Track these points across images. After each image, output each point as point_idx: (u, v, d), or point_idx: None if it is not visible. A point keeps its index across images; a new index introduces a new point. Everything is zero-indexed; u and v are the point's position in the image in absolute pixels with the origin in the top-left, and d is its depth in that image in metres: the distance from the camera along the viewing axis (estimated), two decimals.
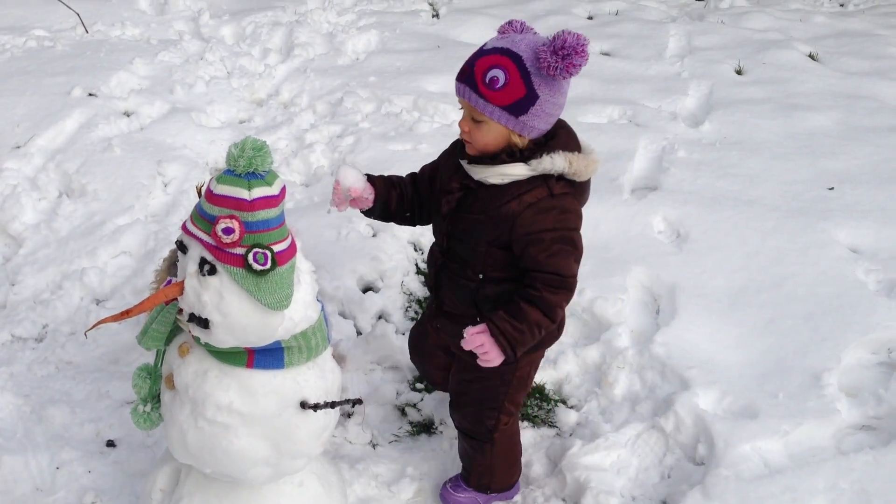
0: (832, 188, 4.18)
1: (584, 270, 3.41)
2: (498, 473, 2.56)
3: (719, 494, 2.49)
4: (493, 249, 2.14)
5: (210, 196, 1.89)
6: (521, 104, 1.99)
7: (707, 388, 2.89)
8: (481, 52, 2.05)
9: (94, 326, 2.06)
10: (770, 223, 3.81)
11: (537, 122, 2.03)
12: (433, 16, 7.17)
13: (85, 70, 5.09)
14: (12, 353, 3.15)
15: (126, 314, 1.98)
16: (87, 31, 5.92)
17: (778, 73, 5.89)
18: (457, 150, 2.23)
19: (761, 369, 3.01)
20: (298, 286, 2.01)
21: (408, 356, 2.85)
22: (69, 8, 6.06)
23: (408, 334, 2.84)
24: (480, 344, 2.10)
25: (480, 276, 2.20)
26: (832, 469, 2.59)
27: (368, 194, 2.31)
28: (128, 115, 4.74)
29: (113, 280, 3.51)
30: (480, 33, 6.43)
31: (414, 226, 2.48)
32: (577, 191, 2.14)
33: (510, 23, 2.14)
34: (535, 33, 2.12)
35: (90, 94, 4.81)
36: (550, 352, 3.21)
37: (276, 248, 1.91)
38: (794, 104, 5.27)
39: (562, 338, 3.25)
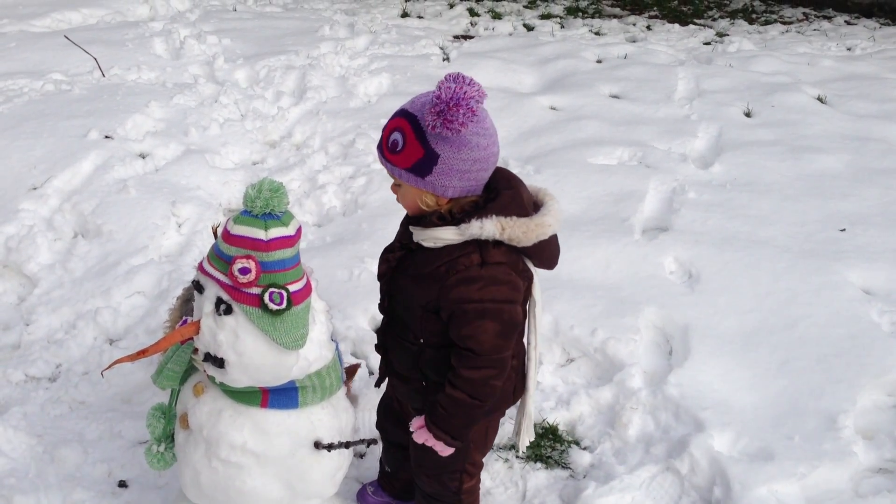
0: (843, 229, 4.19)
1: (596, 311, 3.46)
2: None
3: None
4: (429, 314, 2.04)
5: (227, 236, 1.91)
6: (421, 165, 1.91)
7: (722, 429, 2.86)
8: (391, 117, 2.00)
9: (110, 366, 2.07)
10: (782, 264, 3.81)
11: (448, 181, 1.92)
12: (444, 59, 7.27)
13: (101, 113, 5.17)
14: (26, 393, 3.15)
15: (142, 354, 1.99)
16: (103, 75, 6.03)
17: (787, 115, 5.93)
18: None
19: (776, 411, 2.99)
20: (313, 325, 2.03)
21: None
22: (86, 52, 6.18)
23: None
24: (425, 439, 2.09)
25: (421, 341, 2.10)
26: None
27: None
28: (143, 157, 4.81)
29: (126, 320, 3.53)
30: (490, 77, 6.52)
31: None
32: (516, 258, 2.01)
33: (446, 77, 1.95)
34: (469, 84, 1.90)
35: (106, 137, 4.88)
36: (563, 392, 3.21)
37: (292, 287, 1.93)
38: (804, 146, 5.30)
39: (574, 378, 3.29)
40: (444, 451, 2.11)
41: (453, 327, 2.00)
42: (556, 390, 3.23)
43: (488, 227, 1.92)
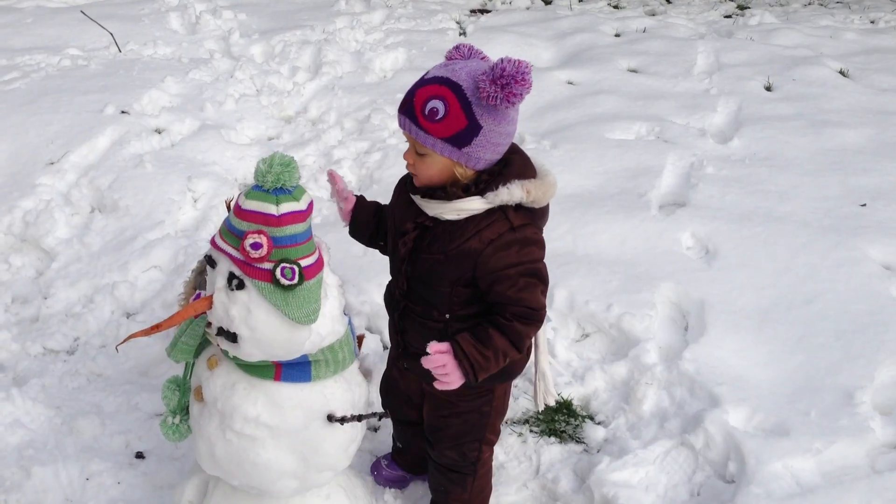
0: (864, 205, 4.13)
1: (612, 286, 3.45)
2: None
3: None
4: (458, 288, 2.05)
5: (238, 211, 1.90)
6: (463, 135, 1.90)
7: (737, 405, 2.85)
8: (422, 82, 1.96)
9: (125, 341, 2.08)
10: (801, 240, 3.77)
11: (483, 153, 1.93)
12: (460, 34, 7.21)
13: (117, 88, 5.18)
14: (44, 366, 3.19)
15: (156, 328, 1.99)
16: (120, 51, 6.03)
17: (808, 89, 5.84)
18: (406, 185, 2.13)
19: (792, 387, 2.97)
20: (326, 300, 2.02)
21: None
22: (103, 28, 6.19)
23: None
24: (442, 364, 1.99)
25: (447, 316, 2.11)
26: (866, 488, 2.54)
27: (346, 207, 2.29)
28: (159, 133, 4.81)
29: (143, 294, 3.55)
30: (507, 51, 6.40)
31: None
32: (536, 218, 2.05)
33: (457, 48, 2.03)
34: (483, 58, 2.01)
35: (122, 112, 4.89)
36: (578, 367, 3.21)
37: (304, 262, 1.92)
38: (825, 121, 5.23)
39: (589, 353, 3.29)
40: (455, 382, 2.02)
41: (499, 293, 2.01)
42: (571, 365, 3.22)
43: (516, 192, 1.96)
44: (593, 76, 6.06)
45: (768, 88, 5.93)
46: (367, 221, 2.33)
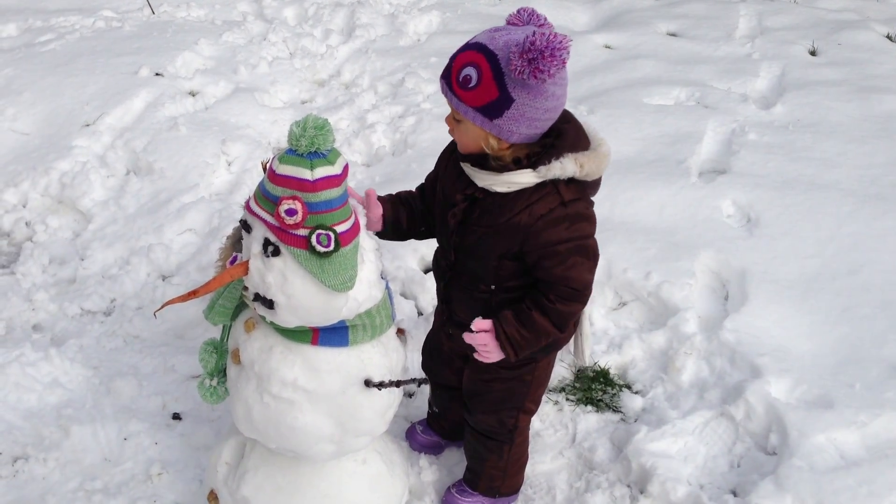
0: None
1: (650, 254, 3.39)
2: (510, 475, 2.49)
3: (793, 486, 2.40)
4: (505, 262, 2.03)
5: (272, 176, 1.85)
6: (494, 107, 1.84)
7: (779, 376, 2.79)
8: (463, 47, 1.90)
9: (162, 307, 2.07)
10: (846, 208, 3.67)
11: (517, 127, 1.86)
12: None
13: (151, 50, 5.16)
14: (82, 326, 3.21)
15: (193, 294, 1.97)
16: (153, 13, 6.01)
17: (854, 54, 5.66)
18: (455, 153, 2.09)
19: (836, 358, 2.91)
20: (362, 265, 1.98)
21: None
22: None
23: None
24: (484, 343, 2.04)
25: (493, 287, 2.09)
26: None
27: (376, 215, 2.18)
28: (193, 95, 4.80)
29: (178, 257, 3.56)
30: (543, 13, 6.31)
31: (432, 238, 2.29)
32: (587, 190, 2.01)
33: (518, 12, 1.95)
34: (541, 25, 1.92)
35: (157, 74, 4.88)
36: (615, 336, 3.16)
37: (340, 228, 1.87)
38: (872, 86, 5.07)
39: (627, 322, 3.25)
40: (495, 358, 2.06)
41: (545, 269, 1.98)
42: (608, 334, 3.18)
43: (568, 166, 1.91)
44: (631, 40, 5.92)
45: (813, 53, 5.76)
46: (397, 221, 2.25)
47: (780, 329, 3.04)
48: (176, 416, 2.79)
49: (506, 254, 2.01)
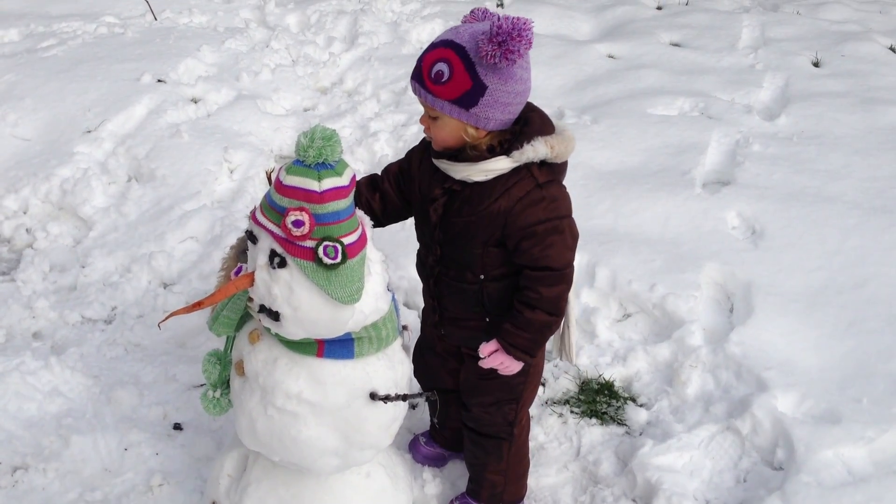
0: None
1: (655, 266, 3.37)
2: (511, 481, 2.48)
3: (800, 502, 2.38)
4: (490, 249, 2.09)
5: (279, 187, 1.84)
6: (469, 96, 1.91)
7: (786, 390, 2.77)
8: (429, 47, 1.98)
9: (167, 318, 2.04)
10: (851, 221, 3.65)
11: (492, 113, 1.94)
12: (498, 5, 7.08)
13: (154, 57, 5.15)
14: (82, 334, 3.19)
15: (198, 306, 1.95)
16: (155, 19, 6.00)
17: (857, 65, 5.67)
18: (428, 151, 2.15)
19: (843, 373, 2.89)
20: (369, 277, 1.96)
21: None
22: None
23: None
24: (500, 361, 2.13)
25: (482, 277, 2.14)
26: None
27: None
28: (195, 102, 4.78)
29: (180, 265, 3.53)
30: (546, 23, 6.34)
31: (382, 226, 2.32)
32: (557, 173, 2.08)
33: (472, 12, 2.04)
34: (495, 19, 1.97)
35: (159, 81, 4.86)
36: (620, 348, 3.14)
37: (347, 240, 1.85)
38: (875, 98, 5.07)
39: (631, 334, 3.22)
40: (517, 368, 2.16)
41: (524, 252, 2.04)
42: (612, 346, 3.16)
43: (540, 149, 1.98)
44: (634, 50, 5.92)
45: (816, 64, 5.76)
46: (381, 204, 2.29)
47: (786, 342, 3.02)
48: (177, 427, 2.77)
49: (489, 240, 2.06)
